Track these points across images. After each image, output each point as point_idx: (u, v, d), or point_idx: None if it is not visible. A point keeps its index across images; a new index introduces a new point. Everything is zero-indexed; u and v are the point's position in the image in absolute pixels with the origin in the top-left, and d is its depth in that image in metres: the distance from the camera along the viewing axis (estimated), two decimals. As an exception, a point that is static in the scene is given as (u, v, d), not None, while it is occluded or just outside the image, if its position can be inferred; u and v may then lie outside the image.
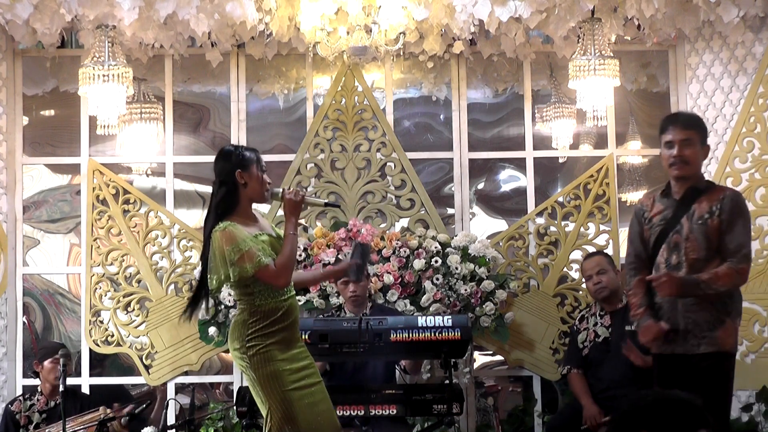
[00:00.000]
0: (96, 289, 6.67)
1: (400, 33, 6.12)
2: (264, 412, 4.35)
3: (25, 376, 6.56)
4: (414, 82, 6.99)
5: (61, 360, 5.68)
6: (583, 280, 6.30)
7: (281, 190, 4.54)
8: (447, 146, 6.89)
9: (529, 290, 6.65)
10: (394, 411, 5.43)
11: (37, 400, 6.18)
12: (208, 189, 7.10)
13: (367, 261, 4.72)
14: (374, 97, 6.82)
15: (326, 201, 4.75)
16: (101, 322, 6.69)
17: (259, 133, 6.93)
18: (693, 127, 4.79)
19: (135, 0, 5.79)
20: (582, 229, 6.69)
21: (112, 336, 6.66)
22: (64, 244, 7.02)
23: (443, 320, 5.51)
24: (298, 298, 6.23)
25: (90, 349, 6.68)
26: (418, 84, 6.99)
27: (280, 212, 4.92)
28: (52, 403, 6.16)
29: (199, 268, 4.57)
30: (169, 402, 6.25)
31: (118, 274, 6.68)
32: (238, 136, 6.78)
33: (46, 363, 6.15)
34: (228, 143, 6.75)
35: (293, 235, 4.39)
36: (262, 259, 4.28)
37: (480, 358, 6.95)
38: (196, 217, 7.06)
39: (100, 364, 6.92)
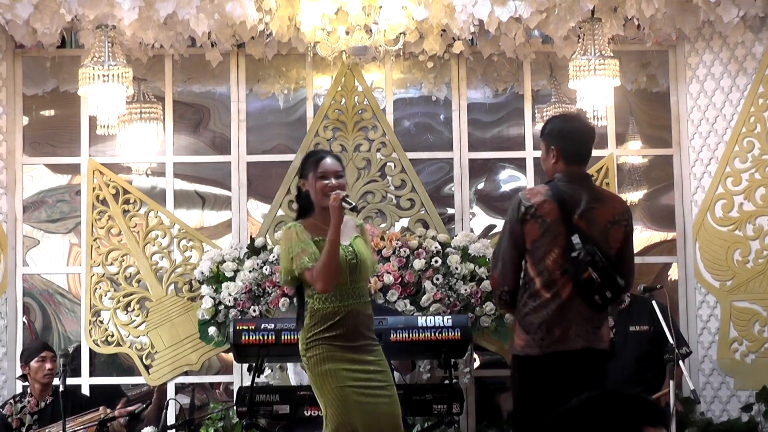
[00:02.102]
0: (96, 289, 6.67)
1: (400, 33, 6.11)
2: (324, 415, 4.41)
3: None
4: (414, 82, 6.99)
5: (61, 360, 5.68)
6: None
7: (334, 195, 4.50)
8: (447, 146, 6.88)
9: (529, 290, 6.64)
10: (394, 411, 5.43)
11: (28, 402, 6.15)
12: (208, 189, 7.18)
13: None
14: (374, 97, 6.82)
15: (352, 205, 4.60)
16: (101, 322, 6.69)
17: (259, 133, 6.93)
18: (540, 137, 4.77)
19: (135, 0, 5.79)
20: (582, 229, 6.68)
21: (112, 336, 6.66)
22: (64, 244, 7.02)
23: (443, 320, 5.52)
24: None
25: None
26: (418, 84, 6.99)
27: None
28: (43, 404, 6.14)
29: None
30: (169, 402, 6.24)
31: (118, 274, 6.68)
32: (238, 136, 6.78)
33: (33, 363, 6.14)
34: (228, 143, 6.81)
35: (331, 241, 4.39)
36: (306, 262, 4.38)
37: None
38: (196, 217, 7.05)
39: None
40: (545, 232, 4.45)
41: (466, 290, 6.30)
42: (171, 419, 6.27)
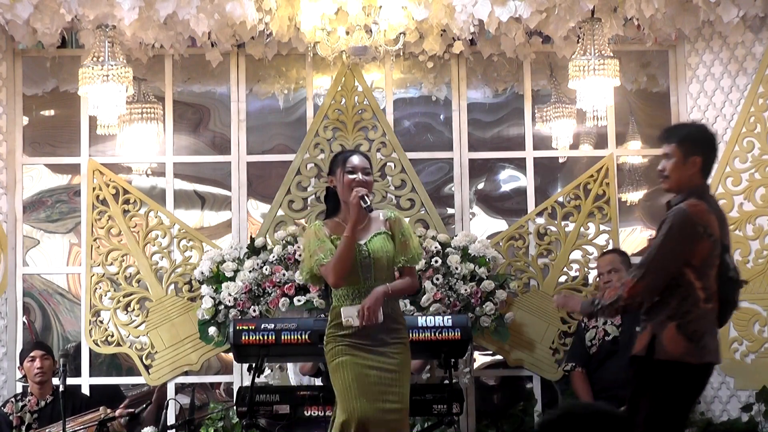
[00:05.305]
0: (96, 289, 6.67)
1: (400, 33, 6.12)
2: (334, 408, 4.61)
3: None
4: (414, 82, 6.99)
5: (61, 360, 5.69)
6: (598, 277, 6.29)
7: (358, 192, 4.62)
8: (447, 146, 6.88)
9: (529, 290, 6.65)
10: (394, 411, 5.43)
11: (28, 401, 6.20)
12: (207, 189, 7.18)
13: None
14: (374, 97, 6.82)
15: (367, 204, 4.63)
16: (101, 322, 6.69)
17: (259, 133, 6.93)
18: (671, 141, 4.54)
19: (135, 0, 5.79)
20: (582, 229, 6.69)
21: (112, 336, 6.66)
22: (64, 244, 7.02)
23: (443, 320, 5.53)
24: (298, 297, 6.25)
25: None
26: (418, 84, 6.99)
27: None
28: (43, 403, 6.18)
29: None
30: (169, 402, 6.25)
31: (118, 274, 6.68)
32: (238, 136, 6.78)
33: (26, 363, 6.23)
34: (228, 143, 6.81)
35: (346, 237, 4.54)
36: (321, 258, 4.57)
37: (480, 358, 6.94)
38: (196, 217, 7.06)
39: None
40: (713, 250, 4.39)
41: (466, 290, 6.30)
42: (171, 419, 6.27)
